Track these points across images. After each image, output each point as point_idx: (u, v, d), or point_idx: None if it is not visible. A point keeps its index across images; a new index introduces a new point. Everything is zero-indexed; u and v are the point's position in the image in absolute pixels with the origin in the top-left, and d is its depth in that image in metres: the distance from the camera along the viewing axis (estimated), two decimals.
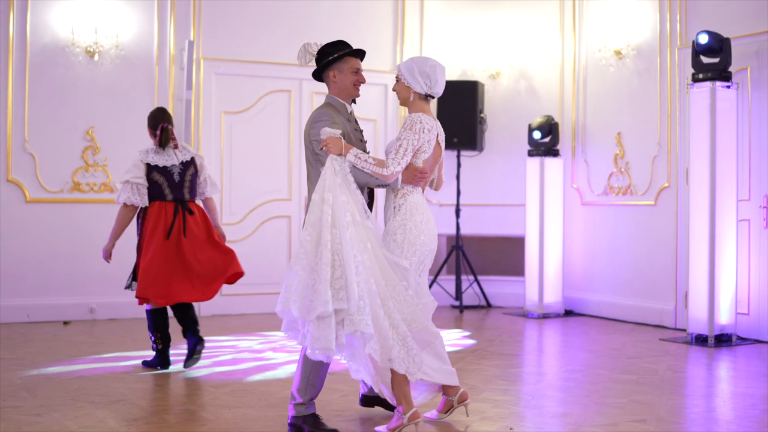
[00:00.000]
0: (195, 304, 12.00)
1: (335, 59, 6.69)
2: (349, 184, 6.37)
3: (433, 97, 6.71)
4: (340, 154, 6.42)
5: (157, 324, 8.78)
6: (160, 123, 8.84)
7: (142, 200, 8.65)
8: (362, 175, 6.45)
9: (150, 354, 9.33)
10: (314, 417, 6.57)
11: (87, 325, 11.49)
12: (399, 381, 6.43)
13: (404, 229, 6.54)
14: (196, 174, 8.92)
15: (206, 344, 10.14)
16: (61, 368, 8.79)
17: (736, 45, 10.65)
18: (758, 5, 10.71)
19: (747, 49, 10.71)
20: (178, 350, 9.28)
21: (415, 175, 6.59)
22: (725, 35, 10.57)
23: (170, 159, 8.77)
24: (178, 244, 8.64)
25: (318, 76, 6.84)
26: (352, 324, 6.10)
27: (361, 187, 6.52)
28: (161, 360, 8.85)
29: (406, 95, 6.70)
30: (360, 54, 6.79)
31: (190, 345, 8.74)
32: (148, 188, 8.68)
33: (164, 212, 8.68)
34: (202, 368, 8.85)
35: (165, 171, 8.71)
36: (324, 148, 6.42)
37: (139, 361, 9.07)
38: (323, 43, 6.80)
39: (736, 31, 10.78)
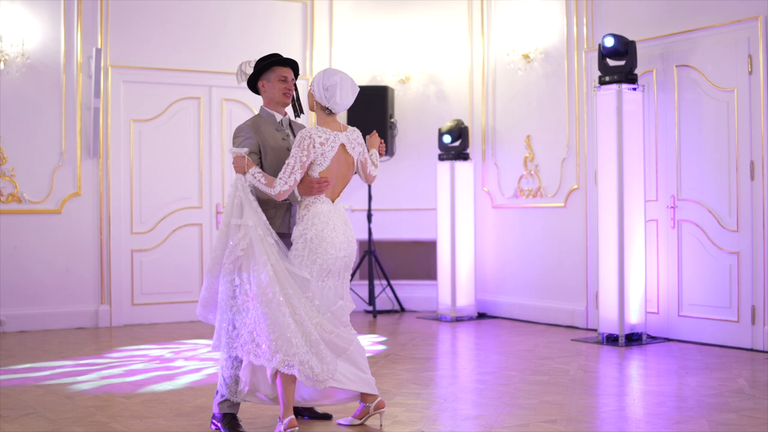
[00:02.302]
0: (107, 315, 12.04)
1: (263, 69, 6.89)
2: (250, 203, 6.55)
3: (332, 112, 6.74)
4: (244, 173, 6.60)
5: None
6: None
7: None
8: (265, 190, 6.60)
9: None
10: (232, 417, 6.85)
11: None
12: (284, 383, 6.50)
13: (304, 238, 6.60)
14: None
15: (118, 354, 10.07)
16: None
17: (642, 48, 10.80)
18: (662, 9, 10.87)
19: (652, 51, 10.86)
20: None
21: (312, 187, 6.63)
22: (631, 38, 10.72)
23: None
24: None
25: (254, 90, 7.02)
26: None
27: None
28: None
29: (311, 103, 6.83)
30: (288, 63, 6.95)
31: None
32: None
33: None
34: (112, 378, 8.76)
35: None
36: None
37: (50, 372, 8.98)
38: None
39: (642, 34, 10.94)
